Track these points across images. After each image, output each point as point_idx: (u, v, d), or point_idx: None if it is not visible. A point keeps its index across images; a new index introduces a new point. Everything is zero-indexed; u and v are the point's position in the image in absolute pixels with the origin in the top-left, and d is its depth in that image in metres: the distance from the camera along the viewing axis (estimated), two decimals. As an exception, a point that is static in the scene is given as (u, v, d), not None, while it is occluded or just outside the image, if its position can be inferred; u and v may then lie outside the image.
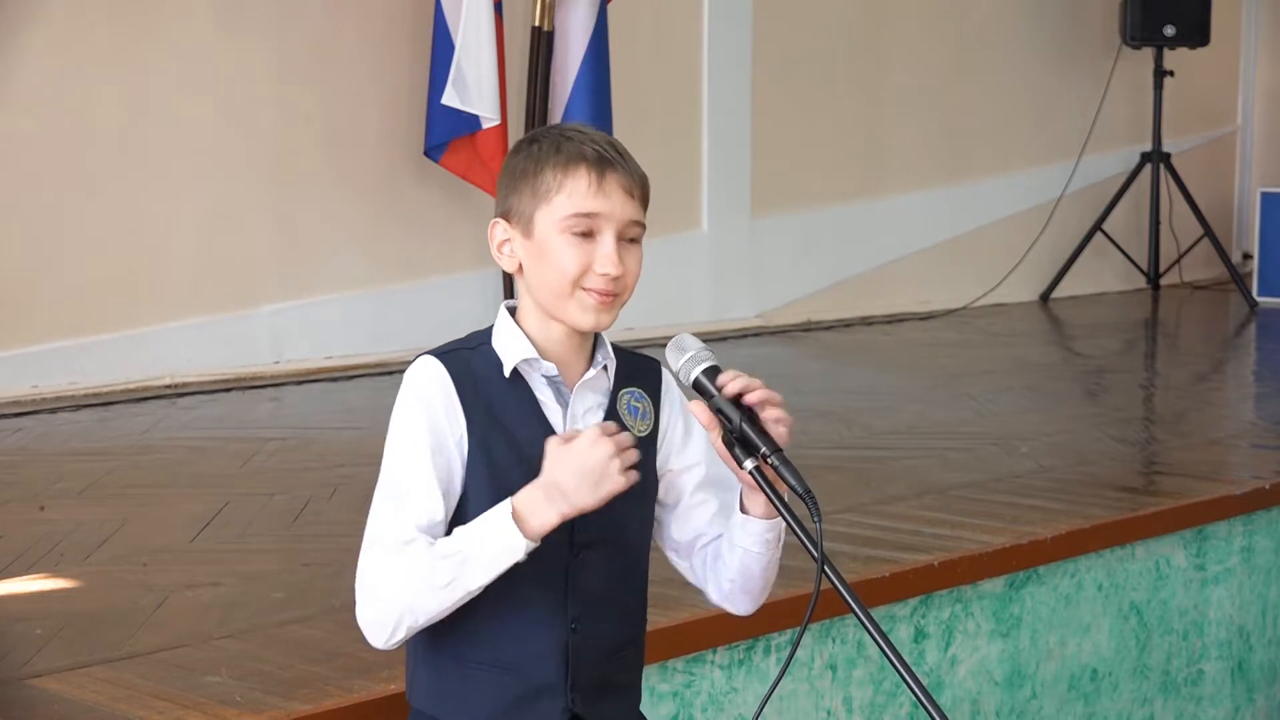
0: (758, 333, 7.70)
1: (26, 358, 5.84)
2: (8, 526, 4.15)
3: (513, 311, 2.25)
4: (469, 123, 6.36)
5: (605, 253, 2.17)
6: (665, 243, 7.38)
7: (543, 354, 2.20)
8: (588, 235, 2.17)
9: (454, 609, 2.12)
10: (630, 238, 2.20)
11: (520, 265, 2.21)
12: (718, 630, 3.38)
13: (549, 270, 2.17)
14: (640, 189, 2.22)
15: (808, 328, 7.94)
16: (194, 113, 6.20)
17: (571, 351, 2.23)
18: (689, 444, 2.32)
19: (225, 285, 6.30)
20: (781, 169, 7.97)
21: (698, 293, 7.65)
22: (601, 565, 2.23)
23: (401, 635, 2.13)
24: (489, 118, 6.34)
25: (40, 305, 5.89)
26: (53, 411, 5.66)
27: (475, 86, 6.29)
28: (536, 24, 6.62)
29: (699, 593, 2.38)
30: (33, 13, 5.83)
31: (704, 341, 2.21)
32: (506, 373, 2.18)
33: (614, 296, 2.18)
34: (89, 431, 5.40)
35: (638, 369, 2.29)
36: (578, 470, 2.07)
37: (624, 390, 2.27)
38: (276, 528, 4.14)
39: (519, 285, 2.25)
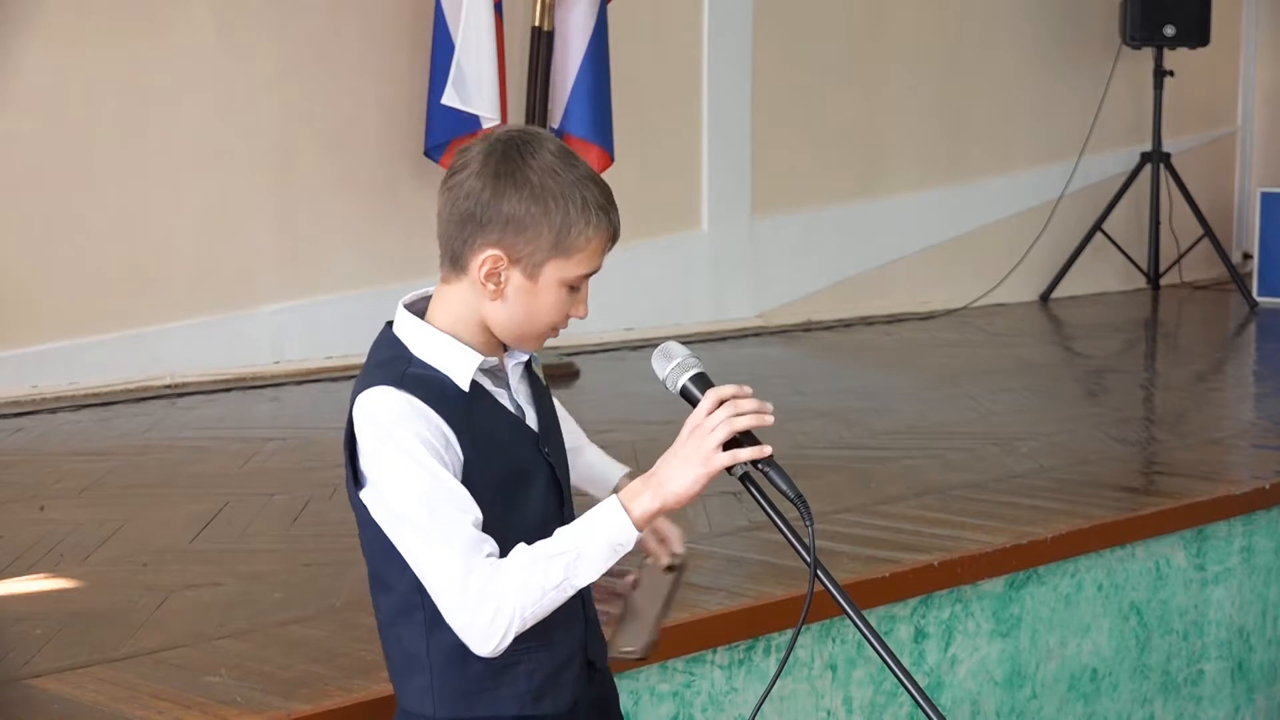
0: (758, 333, 7.70)
1: (26, 358, 5.85)
2: (8, 526, 4.15)
3: (417, 312, 2.23)
4: (469, 122, 6.35)
5: (584, 299, 2.23)
6: (665, 243, 7.39)
7: (479, 351, 2.21)
8: (577, 288, 2.21)
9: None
10: None
11: (502, 296, 2.19)
12: (718, 630, 3.38)
13: (533, 316, 2.20)
14: None
15: (808, 328, 7.94)
16: (194, 113, 6.20)
17: (495, 338, 2.25)
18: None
19: (225, 285, 6.30)
20: (781, 169, 7.97)
21: (698, 293, 7.64)
22: (574, 515, 2.27)
23: (510, 640, 2.10)
24: (489, 117, 6.34)
25: (40, 305, 5.89)
26: (53, 411, 5.66)
27: (475, 86, 6.29)
28: (536, 24, 6.61)
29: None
30: (32, 13, 5.84)
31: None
32: (466, 385, 2.18)
33: None
34: (89, 431, 5.41)
35: None
36: (683, 454, 2.08)
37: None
38: (276, 528, 4.14)
39: (456, 295, 2.21)
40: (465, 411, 2.17)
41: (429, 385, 2.15)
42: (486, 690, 2.20)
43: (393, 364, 2.18)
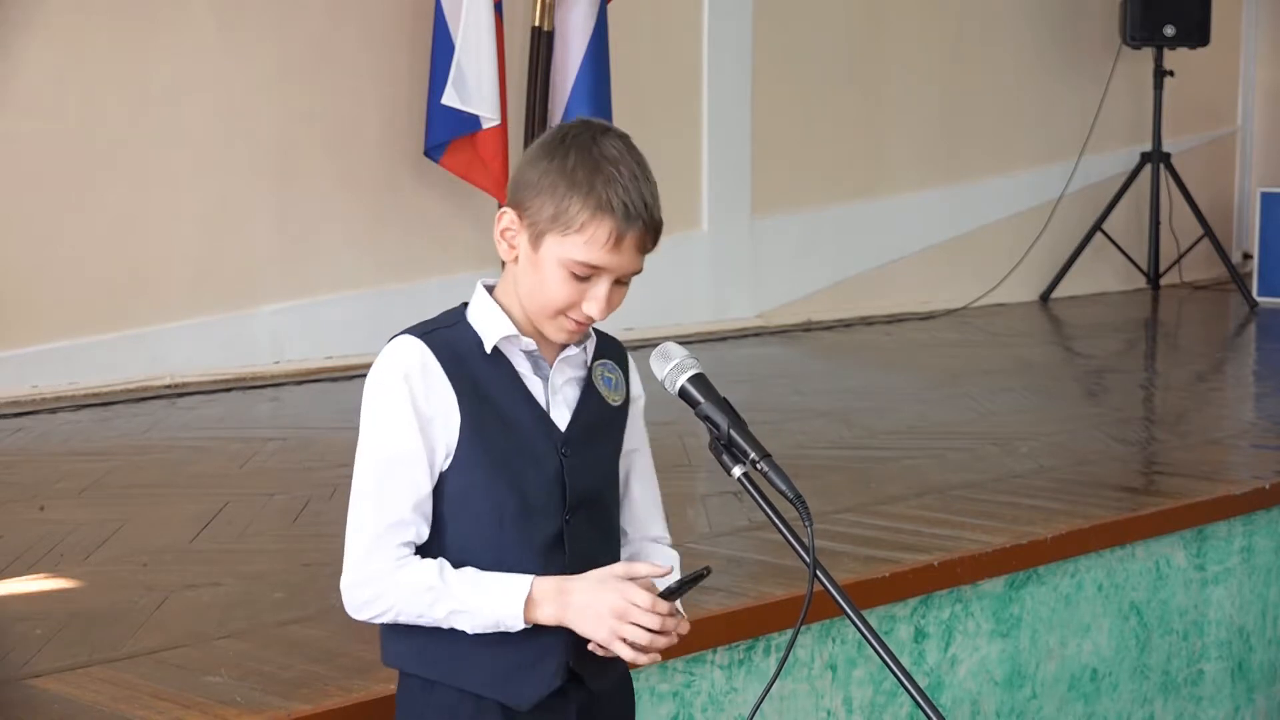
0: (758, 333, 7.70)
1: (26, 358, 5.84)
2: (8, 526, 4.15)
3: (490, 289, 2.29)
4: (469, 123, 6.36)
5: (596, 297, 2.22)
6: (665, 243, 7.30)
7: (522, 330, 2.25)
8: (585, 278, 2.21)
9: None
10: (625, 280, 2.25)
11: (516, 258, 2.25)
12: (718, 630, 3.38)
13: (538, 290, 2.22)
14: (655, 238, 2.27)
15: (808, 328, 7.94)
16: (194, 113, 6.20)
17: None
18: (635, 425, 2.40)
19: (225, 285, 6.30)
20: (782, 169, 7.97)
21: (698, 293, 7.64)
22: (587, 527, 2.30)
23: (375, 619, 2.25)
24: (489, 118, 6.34)
25: (40, 305, 5.89)
26: (53, 411, 5.66)
27: (475, 86, 6.29)
28: (536, 24, 6.62)
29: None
30: (33, 13, 5.84)
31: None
32: (488, 349, 2.23)
33: (590, 325, 2.27)
34: (89, 431, 5.40)
35: (607, 344, 2.37)
36: (595, 605, 2.15)
37: (598, 363, 2.33)
38: (276, 528, 4.14)
39: (508, 266, 2.28)
40: (480, 375, 2.22)
41: (450, 344, 2.23)
42: (457, 662, 2.23)
43: (432, 322, 2.27)
